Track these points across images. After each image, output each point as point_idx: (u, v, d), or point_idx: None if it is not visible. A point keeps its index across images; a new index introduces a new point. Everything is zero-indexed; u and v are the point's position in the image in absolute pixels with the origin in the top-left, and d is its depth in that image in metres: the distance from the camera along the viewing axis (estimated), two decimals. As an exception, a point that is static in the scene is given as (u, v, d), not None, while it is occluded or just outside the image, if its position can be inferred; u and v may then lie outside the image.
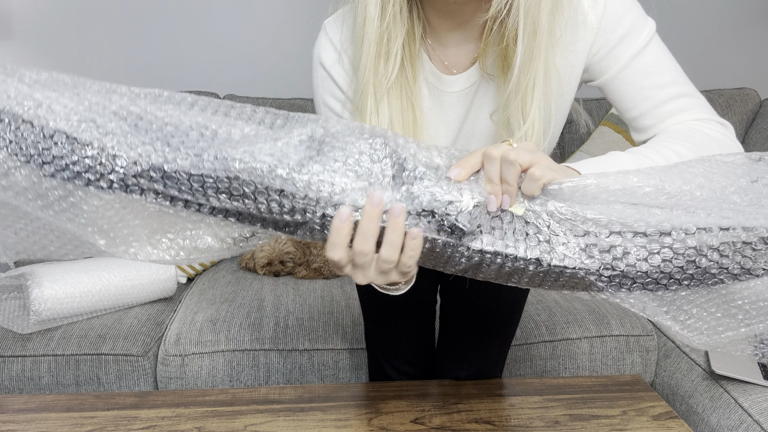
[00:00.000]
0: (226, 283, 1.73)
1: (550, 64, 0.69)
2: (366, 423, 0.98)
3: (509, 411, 1.01)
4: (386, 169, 0.56)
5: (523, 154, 0.56)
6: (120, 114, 0.58)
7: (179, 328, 1.49)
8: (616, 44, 0.72)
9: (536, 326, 1.50)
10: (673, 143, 0.66)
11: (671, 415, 1.01)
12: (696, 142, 0.66)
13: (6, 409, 1.01)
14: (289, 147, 0.55)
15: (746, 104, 2.10)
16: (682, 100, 0.71)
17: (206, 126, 0.57)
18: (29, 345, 1.44)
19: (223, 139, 0.56)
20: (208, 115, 0.59)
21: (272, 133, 0.57)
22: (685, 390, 1.41)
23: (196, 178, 0.55)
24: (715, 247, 0.53)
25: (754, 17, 2.25)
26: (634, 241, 0.55)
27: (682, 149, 0.65)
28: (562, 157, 2.06)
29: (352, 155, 0.55)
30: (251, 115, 0.59)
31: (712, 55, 2.28)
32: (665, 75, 0.71)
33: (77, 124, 0.56)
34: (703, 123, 0.70)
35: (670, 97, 0.71)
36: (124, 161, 0.55)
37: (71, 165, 0.55)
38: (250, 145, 0.55)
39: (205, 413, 1.01)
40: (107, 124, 0.56)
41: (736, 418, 1.25)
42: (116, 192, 0.55)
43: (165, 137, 0.56)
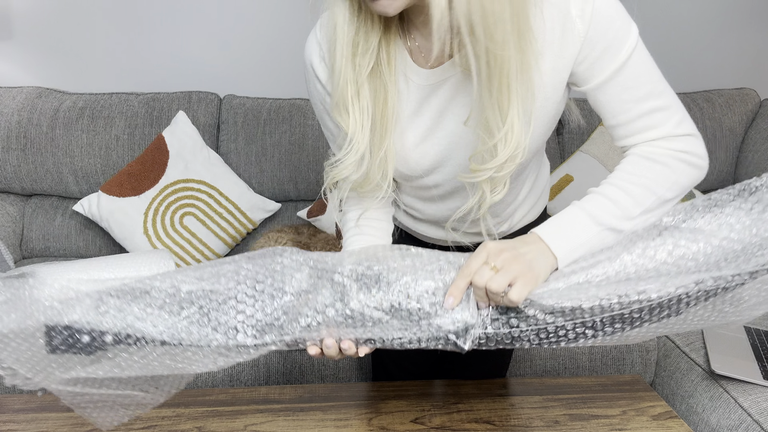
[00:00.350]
0: (226, 283, 1.73)
1: (528, 66, 0.71)
2: (366, 423, 0.98)
3: (509, 411, 1.01)
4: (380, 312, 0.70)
5: (502, 281, 0.68)
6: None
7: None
8: (600, 55, 0.74)
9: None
10: (632, 190, 0.75)
11: (671, 415, 1.01)
12: (652, 183, 0.75)
13: (6, 408, 1.01)
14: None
15: (746, 104, 2.10)
16: (656, 115, 0.76)
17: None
18: (29, 345, 1.44)
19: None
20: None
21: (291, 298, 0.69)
22: (685, 390, 1.41)
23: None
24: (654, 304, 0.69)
25: (754, 17, 2.25)
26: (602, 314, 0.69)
27: (640, 197, 0.75)
28: (562, 157, 2.06)
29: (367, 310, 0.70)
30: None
31: (712, 55, 2.28)
32: (643, 88, 0.75)
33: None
34: (671, 142, 0.76)
35: (645, 111, 0.76)
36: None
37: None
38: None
39: (206, 413, 1.01)
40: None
41: (735, 418, 1.25)
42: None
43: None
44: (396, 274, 0.70)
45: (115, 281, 0.72)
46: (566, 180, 1.95)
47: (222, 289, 0.69)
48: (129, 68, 2.12)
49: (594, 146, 1.97)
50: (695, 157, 0.77)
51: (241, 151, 1.95)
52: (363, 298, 0.69)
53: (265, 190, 1.98)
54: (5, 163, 1.91)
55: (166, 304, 0.69)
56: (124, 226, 1.81)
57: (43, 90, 1.99)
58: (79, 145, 1.90)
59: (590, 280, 0.71)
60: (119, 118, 1.92)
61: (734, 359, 1.35)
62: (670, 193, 0.76)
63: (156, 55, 2.11)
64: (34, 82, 2.08)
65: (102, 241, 1.95)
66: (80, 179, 1.93)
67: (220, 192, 1.87)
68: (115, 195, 1.82)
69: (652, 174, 0.75)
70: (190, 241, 1.81)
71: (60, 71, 2.09)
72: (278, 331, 0.68)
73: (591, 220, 0.75)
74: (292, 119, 1.96)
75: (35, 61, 2.08)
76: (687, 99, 2.09)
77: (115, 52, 2.10)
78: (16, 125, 1.90)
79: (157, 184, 1.83)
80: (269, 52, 2.13)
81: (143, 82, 2.13)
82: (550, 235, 0.74)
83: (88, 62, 2.10)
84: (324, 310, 0.69)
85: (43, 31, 2.05)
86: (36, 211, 1.97)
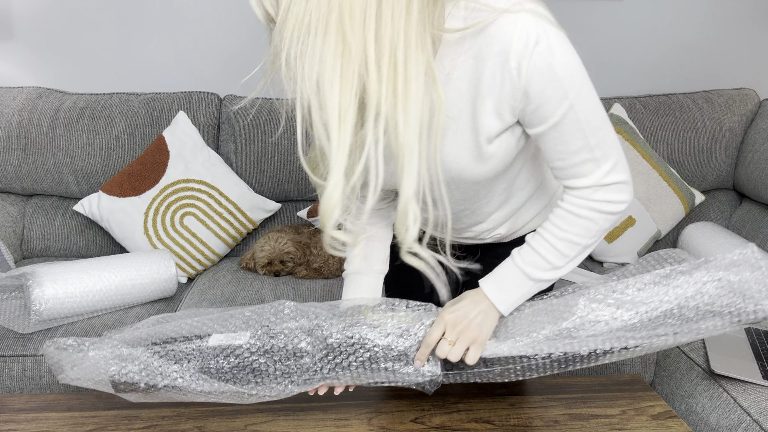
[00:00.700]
0: (226, 282, 1.73)
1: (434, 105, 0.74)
2: (366, 422, 0.98)
3: (509, 411, 1.02)
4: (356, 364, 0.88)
5: (458, 352, 0.85)
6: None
7: (179, 328, 1.50)
8: (536, 109, 0.77)
9: (536, 326, 1.50)
10: (557, 244, 0.86)
11: (670, 415, 1.01)
12: (575, 237, 0.85)
13: (7, 408, 1.01)
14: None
15: (746, 104, 2.10)
16: (586, 165, 0.81)
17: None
18: (30, 345, 1.44)
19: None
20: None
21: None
22: (685, 389, 1.42)
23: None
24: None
25: (754, 17, 2.25)
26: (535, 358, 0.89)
27: (565, 249, 0.86)
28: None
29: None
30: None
31: (712, 55, 2.28)
32: (576, 143, 0.79)
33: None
34: (597, 192, 0.83)
35: (576, 162, 0.81)
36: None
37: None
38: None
39: (206, 412, 1.01)
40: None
41: (735, 418, 1.25)
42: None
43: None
44: (375, 334, 0.86)
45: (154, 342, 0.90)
46: (566, 180, 1.96)
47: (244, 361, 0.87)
48: (129, 68, 2.12)
49: (594, 146, 1.97)
50: (618, 205, 0.84)
51: (241, 151, 1.95)
52: (351, 359, 0.86)
53: (265, 190, 1.98)
54: (6, 163, 1.91)
55: (198, 368, 0.87)
56: (124, 226, 1.81)
57: (44, 90, 1.99)
58: (79, 145, 1.90)
59: (533, 342, 0.88)
60: (120, 118, 1.92)
61: (734, 359, 1.35)
62: (592, 240, 0.86)
63: (156, 55, 2.11)
64: (34, 83, 2.08)
65: (102, 241, 1.95)
66: (81, 179, 1.93)
67: (221, 192, 1.87)
68: (115, 195, 1.82)
69: (576, 228, 0.84)
70: (190, 241, 1.81)
71: (60, 71, 2.10)
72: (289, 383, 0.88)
73: (525, 277, 0.87)
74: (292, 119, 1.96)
75: (36, 62, 2.08)
76: (687, 99, 2.10)
77: (115, 52, 2.10)
78: (16, 125, 1.90)
79: (157, 184, 1.84)
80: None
81: (144, 83, 2.13)
82: (493, 293, 0.88)
83: (88, 62, 2.10)
84: (321, 368, 0.86)
85: (43, 32, 2.05)
86: (36, 211, 1.97)
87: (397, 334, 0.87)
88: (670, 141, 2.04)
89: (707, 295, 0.86)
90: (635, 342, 0.86)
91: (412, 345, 0.87)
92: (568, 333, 0.87)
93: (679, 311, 0.86)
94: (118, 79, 2.12)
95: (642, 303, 0.87)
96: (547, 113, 0.77)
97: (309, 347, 0.85)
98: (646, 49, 2.26)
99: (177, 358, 0.87)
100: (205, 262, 1.85)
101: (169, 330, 0.91)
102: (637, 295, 0.88)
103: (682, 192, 1.98)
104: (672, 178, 1.97)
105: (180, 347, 0.88)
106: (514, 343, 0.88)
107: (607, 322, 0.87)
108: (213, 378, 0.86)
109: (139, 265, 1.59)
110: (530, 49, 0.73)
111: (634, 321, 0.87)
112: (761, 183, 1.97)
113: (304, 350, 0.85)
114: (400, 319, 0.88)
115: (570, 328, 0.87)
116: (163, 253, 1.66)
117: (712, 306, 0.85)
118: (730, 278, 0.86)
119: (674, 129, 2.05)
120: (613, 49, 2.24)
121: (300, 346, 0.86)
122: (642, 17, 2.22)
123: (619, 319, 0.87)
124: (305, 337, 0.86)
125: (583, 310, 0.88)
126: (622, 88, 2.27)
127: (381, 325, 0.87)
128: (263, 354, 0.86)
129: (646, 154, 1.96)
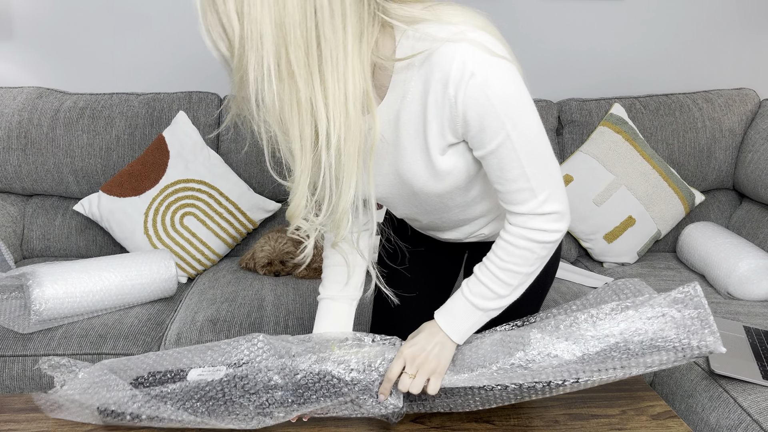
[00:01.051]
0: (226, 282, 1.73)
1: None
2: (366, 422, 0.98)
3: (509, 411, 1.02)
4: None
5: (419, 384, 0.90)
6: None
7: (180, 328, 1.50)
8: (476, 135, 0.82)
9: (536, 326, 1.51)
10: (500, 275, 0.91)
11: (670, 415, 1.01)
12: (515, 267, 0.90)
13: (6, 408, 1.01)
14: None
15: (745, 104, 2.10)
16: (522, 194, 0.85)
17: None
18: (30, 345, 1.44)
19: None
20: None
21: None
22: (685, 389, 1.42)
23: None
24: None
25: (754, 17, 2.25)
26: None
27: (508, 279, 0.91)
28: (562, 157, 2.06)
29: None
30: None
31: (712, 55, 2.28)
32: (513, 171, 0.84)
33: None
34: (533, 220, 0.87)
35: (513, 190, 0.85)
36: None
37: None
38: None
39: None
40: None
41: (735, 418, 1.25)
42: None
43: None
44: (340, 370, 0.91)
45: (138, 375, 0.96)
46: (566, 180, 1.96)
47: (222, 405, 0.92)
48: (129, 68, 2.12)
49: (594, 146, 1.97)
50: (552, 234, 0.88)
51: (241, 151, 1.95)
52: (319, 394, 0.91)
53: (265, 190, 1.98)
54: (6, 163, 1.91)
55: (180, 404, 0.91)
56: (124, 226, 1.81)
57: (44, 90, 1.99)
58: (79, 145, 1.90)
59: (488, 373, 0.92)
60: (120, 118, 1.92)
61: (734, 359, 1.35)
62: (532, 269, 0.91)
63: (156, 55, 2.11)
64: (34, 83, 2.08)
65: (102, 241, 1.95)
66: (81, 179, 1.93)
67: (221, 192, 1.87)
68: (115, 195, 1.83)
69: (515, 258, 0.89)
70: (190, 241, 1.81)
71: (60, 71, 2.10)
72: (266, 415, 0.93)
73: (474, 308, 0.93)
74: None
75: (36, 62, 2.08)
76: (687, 99, 2.10)
77: (115, 52, 2.10)
78: (16, 125, 1.90)
79: (157, 184, 1.84)
80: (269, 52, 2.13)
81: (144, 82, 2.13)
82: (446, 324, 0.94)
83: (88, 62, 2.10)
84: (292, 401, 0.91)
85: (43, 32, 2.06)
86: (36, 211, 1.97)
87: (360, 370, 0.91)
88: (670, 141, 2.05)
89: (651, 331, 0.90)
90: (586, 376, 0.89)
91: (375, 379, 0.91)
92: (521, 365, 0.91)
93: (624, 345, 0.90)
94: (118, 79, 2.12)
95: (592, 337, 0.91)
96: (484, 140, 0.81)
97: (281, 381, 0.90)
98: (646, 49, 2.26)
99: (158, 395, 0.92)
100: (205, 262, 1.85)
101: (150, 363, 0.97)
102: (587, 329, 0.92)
103: (682, 192, 1.98)
104: (672, 178, 1.97)
105: (161, 386, 0.93)
106: (471, 374, 0.92)
107: (557, 355, 0.91)
108: (191, 414, 0.91)
109: (140, 265, 1.59)
110: (466, 80, 0.77)
111: (583, 354, 0.91)
112: (761, 183, 1.97)
113: (278, 385, 0.90)
114: (363, 355, 0.93)
115: (523, 361, 0.91)
116: (163, 253, 1.66)
117: (656, 341, 0.90)
118: (673, 314, 0.91)
119: (674, 129, 2.05)
120: (613, 49, 2.24)
121: (273, 381, 0.90)
122: (642, 17, 2.22)
123: (569, 353, 0.91)
124: (277, 373, 0.91)
125: (536, 343, 0.92)
126: (622, 88, 2.27)
127: (345, 361, 0.92)
128: (239, 388, 0.91)
129: (646, 154, 1.96)
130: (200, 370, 0.94)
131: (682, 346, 0.89)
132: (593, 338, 0.91)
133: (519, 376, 0.90)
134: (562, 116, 2.10)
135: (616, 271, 1.92)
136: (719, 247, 1.79)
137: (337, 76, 0.74)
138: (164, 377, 0.94)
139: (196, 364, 0.95)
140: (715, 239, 1.83)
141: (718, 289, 1.76)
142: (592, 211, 1.94)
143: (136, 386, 0.93)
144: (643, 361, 0.90)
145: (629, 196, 1.92)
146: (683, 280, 1.82)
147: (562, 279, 1.81)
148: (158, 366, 0.97)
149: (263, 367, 0.91)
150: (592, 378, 0.90)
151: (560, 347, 0.92)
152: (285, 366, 0.92)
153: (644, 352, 0.90)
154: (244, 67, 0.73)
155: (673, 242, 2.09)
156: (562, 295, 1.66)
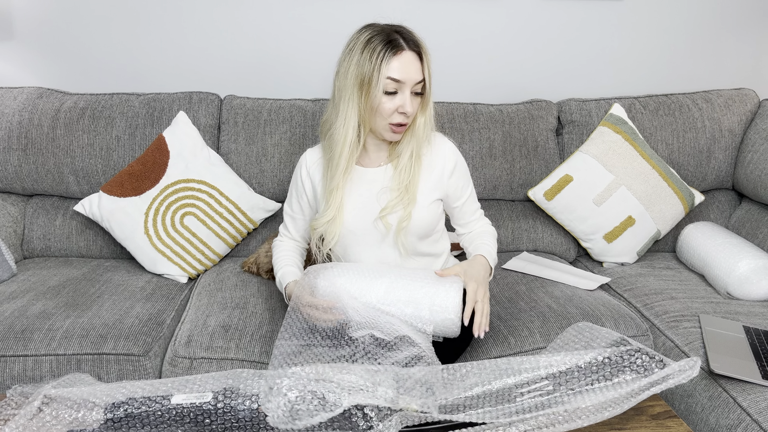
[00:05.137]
0: (233, 286, 1.72)
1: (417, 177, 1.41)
2: (366, 422, 0.98)
3: (509, 410, 1.02)
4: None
5: (486, 299, 1.30)
6: None
7: (191, 330, 1.49)
8: (456, 187, 1.46)
9: (530, 333, 1.49)
10: (490, 242, 1.50)
11: (670, 414, 1.01)
12: (490, 237, 1.51)
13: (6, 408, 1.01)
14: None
15: (745, 104, 2.10)
16: (476, 213, 1.54)
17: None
18: (30, 345, 1.44)
19: None
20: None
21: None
22: (684, 389, 1.42)
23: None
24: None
25: (754, 17, 2.26)
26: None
27: (492, 245, 1.49)
28: (561, 157, 2.07)
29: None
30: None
31: (711, 55, 2.28)
32: (474, 204, 1.53)
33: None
34: (485, 225, 1.55)
35: (474, 218, 1.54)
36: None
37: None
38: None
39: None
40: None
41: (734, 417, 1.25)
42: None
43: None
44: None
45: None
46: (566, 180, 1.96)
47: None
48: (129, 68, 2.12)
49: (594, 146, 1.97)
50: (490, 225, 1.56)
51: (241, 151, 1.95)
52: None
53: (265, 191, 1.98)
54: (6, 164, 1.91)
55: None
56: (125, 226, 1.81)
57: (44, 90, 1.99)
58: (80, 146, 1.90)
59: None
60: (120, 118, 1.93)
61: (733, 359, 1.35)
62: (494, 239, 1.51)
63: (156, 55, 2.11)
64: (34, 83, 2.08)
65: (103, 241, 1.95)
66: (81, 179, 1.93)
67: (221, 192, 1.87)
68: (116, 195, 1.83)
69: (489, 236, 1.51)
70: (190, 240, 1.81)
71: (61, 71, 2.10)
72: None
73: (489, 257, 1.45)
74: (292, 119, 1.96)
75: (36, 62, 2.08)
76: (686, 99, 2.10)
77: (115, 52, 2.10)
78: (17, 125, 1.90)
79: (157, 184, 1.84)
80: (269, 52, 2.14)
81: (144, 83, 2.13)
82: (487, 255, 1.45)
83: (88, 62, 2.10)
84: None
85: (43, 32, 2.06)
86: (37, 211, 1.97)
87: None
88: (669, 141, 2.05)
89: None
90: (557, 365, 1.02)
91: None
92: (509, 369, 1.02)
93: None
94: (118, 79, 2.12)
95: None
96: (464, 191, 1.49)
97: (271, 406, 0.92)
98: (646, 49, 2.26)
99: (140, 418, 0.92)
100: (206, 262, 1.85)
101: (129, 389, 0.97)
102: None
103: (681, 192, 1.98)
104: (672, 178, 1.97)
105: (142, 407, 0.93)
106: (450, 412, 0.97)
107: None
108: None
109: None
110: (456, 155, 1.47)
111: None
112: (760, 183, 1.97)
113: (266, 409, 0.91)
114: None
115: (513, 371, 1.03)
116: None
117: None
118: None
119: (674, 129, 2.05)
120: (613, 49, 2.24)
121: (263, 406, 0.92)
122: (642, 17, 2.22)
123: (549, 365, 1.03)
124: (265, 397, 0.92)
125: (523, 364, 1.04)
126: (622, 88, 2.27)
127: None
128: (225, 413, 0.91)
129: (645, 154, 1.96)
130: (184, 395, 0.93)
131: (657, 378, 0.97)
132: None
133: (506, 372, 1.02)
134: (561, 116, 2.10)
135: (615, 271, 1.92)
136: (719, 247, 1.79)
137: None
138: (144, 402, 0.93)
139: (177, 390, 0.95)
140: (715, 239, 1.84)
141: (717, 289, 1.76)
142: (591, 211, 1.94)
143: (111, 411, 0.92)
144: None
145: (629, 196, 1.93)
146: (683, 280, 1.83)
147: (556, 282, 1.77)
148: (135, 393, 0.96)
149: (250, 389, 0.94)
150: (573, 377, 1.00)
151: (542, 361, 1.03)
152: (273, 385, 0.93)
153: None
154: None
155: (672, 242, 2.09)
156: (556, 299, 1.64)
